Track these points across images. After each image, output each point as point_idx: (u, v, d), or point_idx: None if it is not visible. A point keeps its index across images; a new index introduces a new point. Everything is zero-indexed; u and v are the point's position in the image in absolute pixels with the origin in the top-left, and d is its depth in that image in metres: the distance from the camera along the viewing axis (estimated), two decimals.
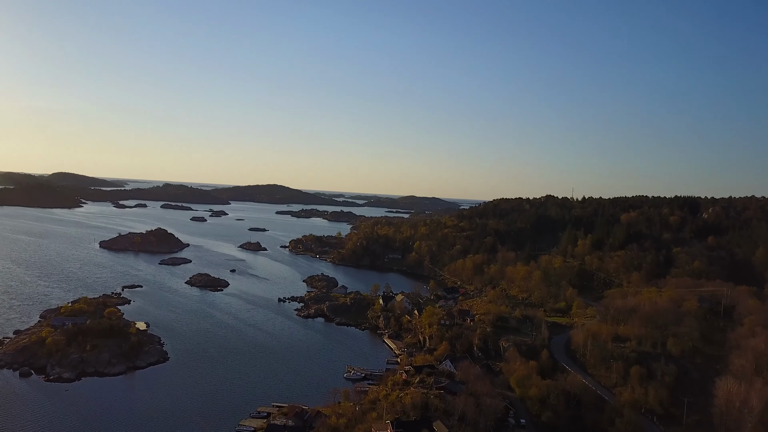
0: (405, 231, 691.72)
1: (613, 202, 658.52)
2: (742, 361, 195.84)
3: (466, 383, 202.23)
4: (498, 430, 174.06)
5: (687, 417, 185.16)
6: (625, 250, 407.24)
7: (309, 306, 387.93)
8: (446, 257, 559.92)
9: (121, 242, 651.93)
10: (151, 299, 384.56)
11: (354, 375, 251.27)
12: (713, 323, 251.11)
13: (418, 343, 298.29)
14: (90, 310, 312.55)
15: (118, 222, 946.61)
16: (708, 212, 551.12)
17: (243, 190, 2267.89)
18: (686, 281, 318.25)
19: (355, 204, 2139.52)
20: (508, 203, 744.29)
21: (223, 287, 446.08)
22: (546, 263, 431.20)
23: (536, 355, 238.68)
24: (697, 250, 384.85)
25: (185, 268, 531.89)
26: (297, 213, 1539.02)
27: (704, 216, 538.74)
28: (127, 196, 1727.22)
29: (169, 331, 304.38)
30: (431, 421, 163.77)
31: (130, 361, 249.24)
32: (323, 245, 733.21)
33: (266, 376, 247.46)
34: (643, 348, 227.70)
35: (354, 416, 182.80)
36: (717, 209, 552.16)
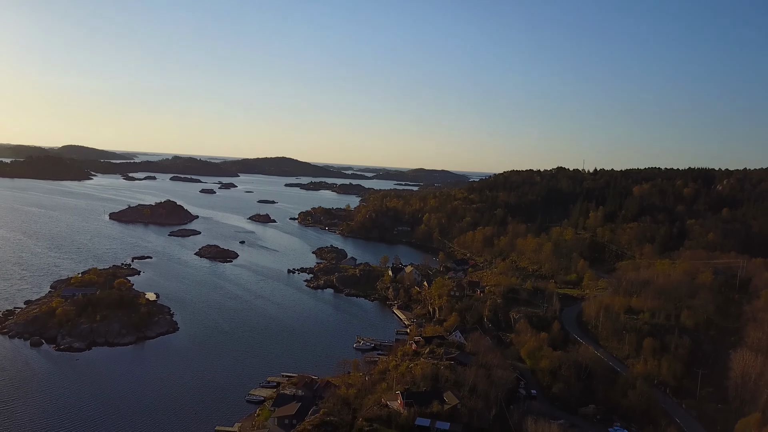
0: (414, 203, 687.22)
1: (625, 174, 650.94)
2: (758, 333, 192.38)
3: (477, 354, 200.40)
4: (509, 401, 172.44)
5: (700, 389, 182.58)
6: (638, 222, 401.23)
7: (318, 277, 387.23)
8: (456, 230, 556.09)
9: (131, 214, 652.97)
10: (161, 270, 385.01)
11: (363, 345, 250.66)
12: (728, 296, 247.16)
13: (428, 314, 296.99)
14: (100, 281, 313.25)
15: (128, 194, 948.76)
16: (722, 184, 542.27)
17: (252, 163, 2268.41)
18: (700, 253, 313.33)
19: (363, 177, 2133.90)
20: (518, 175, 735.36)
21: (232, 259, 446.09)
22: (557, 235, 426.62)
23: (547, 326, 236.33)
24: (711, 223, 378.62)
25: (194, 239, 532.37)
26: (306, 185, 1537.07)
27: (719, 188, 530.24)
28: (136, 169, 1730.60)
29: (179, 302, 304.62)
30: (441, 391, 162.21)
31: (139, 332, 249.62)
32: (332, 217, 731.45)
33: (276, 346, 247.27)
34: (657, 320, 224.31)
35: (363, 386, 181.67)
36: (732, 181, 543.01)
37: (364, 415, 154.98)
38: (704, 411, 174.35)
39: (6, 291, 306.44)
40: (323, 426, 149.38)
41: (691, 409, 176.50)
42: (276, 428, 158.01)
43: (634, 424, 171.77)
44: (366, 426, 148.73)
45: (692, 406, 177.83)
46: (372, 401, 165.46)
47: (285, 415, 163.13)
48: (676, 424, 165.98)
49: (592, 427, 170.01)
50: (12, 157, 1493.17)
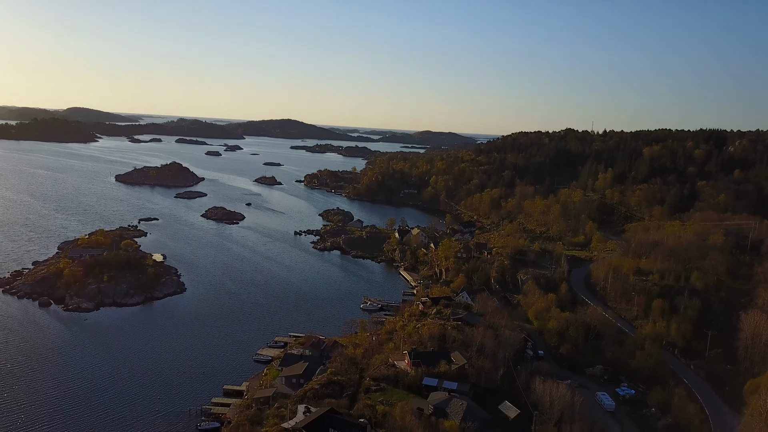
0: (421, 166, 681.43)
1: (635, 136, 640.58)
2: None
3: (484, 315, 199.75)
4: (516, 361, 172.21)
5: (709, 350, 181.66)
6: (648, 184, 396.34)
7: (325, 239, 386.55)
8: (463, 192, 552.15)
9: (137, 176, 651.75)
10: (168, 232, 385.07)
11: (370, 306, 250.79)
12: (739, 257, 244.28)
13: (435, 276, 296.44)
14: (107, 243, 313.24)
15: (134, 156, 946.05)
16: (734, 146, 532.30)
17: (257, 125, 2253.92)
18: (711, 215, 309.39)
19: (370, 139, 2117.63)
20: (526, 137, 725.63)
21: (239, 220, 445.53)
22: (565, 197, 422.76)
23: (555, 288, 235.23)
24: (723, 184, 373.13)
25: (201, 201, 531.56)
26: (311, 148, 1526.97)
27: (730, 149, 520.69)
28: (141, 131, 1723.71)
29: (186, 263, 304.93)
30: (449, 352, 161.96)
31: (147, 292, 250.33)
32: (338, 180, 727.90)
33: (283, 306, 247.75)
34: (666, 282, 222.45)
35: (371, 346, 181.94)
36: (744, 142, 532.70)
37: (372, 375, 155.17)
38: (713, 371, 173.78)
39: (14, 252, 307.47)
40: (330, 385, 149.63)
41: (700, 370, 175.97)
42: (283, 387, 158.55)
43: (641, 384, 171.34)
44: (373, 385, 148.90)
45: (701, 366, 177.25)
46: (379, 361, 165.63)
47: (292, 374, 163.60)
48: (684, 384, 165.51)
49: (600, 388, 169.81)
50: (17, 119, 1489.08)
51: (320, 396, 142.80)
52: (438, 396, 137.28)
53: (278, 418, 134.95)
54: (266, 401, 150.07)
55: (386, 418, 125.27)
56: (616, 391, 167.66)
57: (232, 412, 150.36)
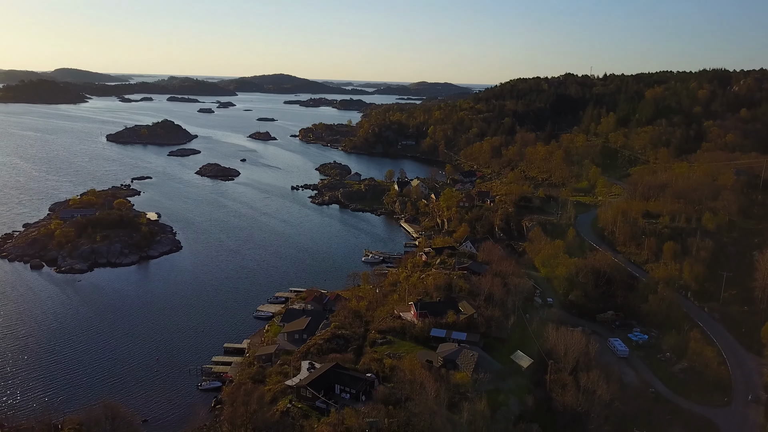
0: (418, 116, 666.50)
1: (636, 78, 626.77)
2: None
3: (490, 264, 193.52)
4: (525, 310, 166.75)
5: (724, 292, 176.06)
6: (652, 126, 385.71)
7: (323, 193, 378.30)
8: (462, 141, 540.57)
9: (128, 135, 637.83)
10: (162, 190, 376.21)
11: (372, 258, 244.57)
12: (751, 197, 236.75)
13: (436, 226, 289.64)
14: (99, 202, 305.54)
15: (125, 116, 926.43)
16: (739, 85, 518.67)
17: (250, 81, 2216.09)
18: (720, 155, 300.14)
19: (364, 92, 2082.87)
20: (525, 83, 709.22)
21: (234, 177, 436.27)
22: (568, 142, 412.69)
23: (562, 234, 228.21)
24: (730, 123, 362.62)
25: (195, 158, 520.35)
26: (305, 102, 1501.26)
27: (735, 89, 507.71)
28: (132, 91, 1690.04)
29: (181, 221, 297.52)
30: (456, 301, 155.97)
31: (142, 251, 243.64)
32: (334, 134, 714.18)
33: (283, 262, 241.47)
34: (677, 224, 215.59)
35: (375, 298, 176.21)
36: (749, 81, 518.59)
37: (377, 327, 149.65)
38: (728, 314, 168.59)
39: (3, 215, 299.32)
40: (335, 339, 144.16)
41: (714, 312, 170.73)
42: (286, 343, 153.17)
43: (654, 329, 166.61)
44: (379, 338, 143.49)
45: (715, 309, 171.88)
46: (384, 313, 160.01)
47: (295, 330, 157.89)
48: (698, 328, 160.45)
49: (612, 334, 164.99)
50: (4, 82, 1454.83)
51: (324, 351, 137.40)
52: (447, 347, 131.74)
53: (281, 375, 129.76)
54: (268, 359, 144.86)
55: (394, 372, 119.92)
56: (628, 337, 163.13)
57: (234, 371, 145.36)
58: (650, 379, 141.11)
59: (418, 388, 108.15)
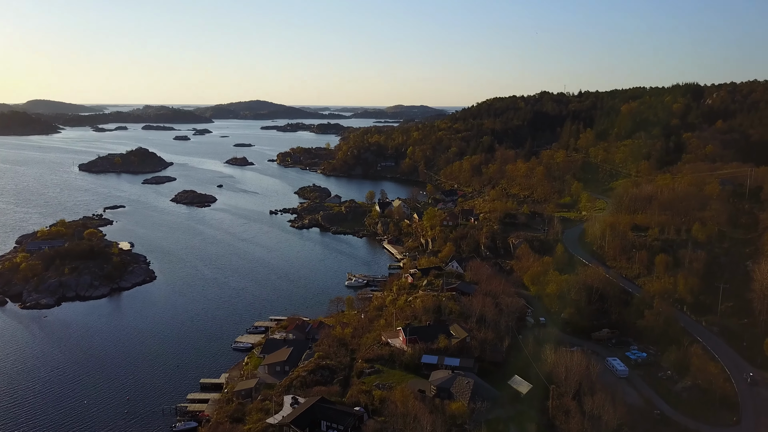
0: (397, 137, 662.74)
1: (611, 94, 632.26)
2: None
3: (479, 283, 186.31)
4: (518, 330, 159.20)
5: (720, 304, 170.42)
6: (632, 139, 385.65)
7: (302, 217, 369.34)
8: (442, 161, 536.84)
9: (101, 164, 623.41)
10: (135, 219, 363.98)
11: (355, 282, 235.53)
12: (738, 206, 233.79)
13: (420, 247, 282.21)
14: (69, 233, 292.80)
15: (98, 145, 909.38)
16: (712, 97, 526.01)
17: (226, 108, 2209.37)
18: (701, 166, 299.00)
19: (341, 116, 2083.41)
20: (502, 102, 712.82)
21: (210, 203, 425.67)
22: (548, 158, 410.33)
23: (550, 250, 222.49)
24: (708, 135, 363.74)
25: (170, 186, 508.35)
26: (283, 127, 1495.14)
27: (708, 102, 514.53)
28: (106, 120, 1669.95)
29: (156, 250, 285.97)
30: (447, 324, 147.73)
31: (113, 283, 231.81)
32: (312, 157, 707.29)
33: (262, 289, 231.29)
34: (667, 236, 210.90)
35: (360, 325, 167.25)
36: (722, 94, 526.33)
37: (364, 356, 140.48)
38: (726, 327, 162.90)
39: None
40: (319, 370, 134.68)
41: (713, 326, 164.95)
42: (267, 376, 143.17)
43: (651, 346, 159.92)
44: (367, 367, 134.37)
45: (713, 322, 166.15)
46: (371, 340, 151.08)
47: (276, 361, 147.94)
48: (698, 342, 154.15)
49: (609, 352, 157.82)
50: None
51: (308, 384, 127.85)
52: (440, 375, 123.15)
53: (262, 412, 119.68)
54: (248, 394, 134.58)
55: (385, 404, 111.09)
56: (626, 355, 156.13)
57: (211, 409, 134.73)
58: (653, 399, 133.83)
59: (412, 421, 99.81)
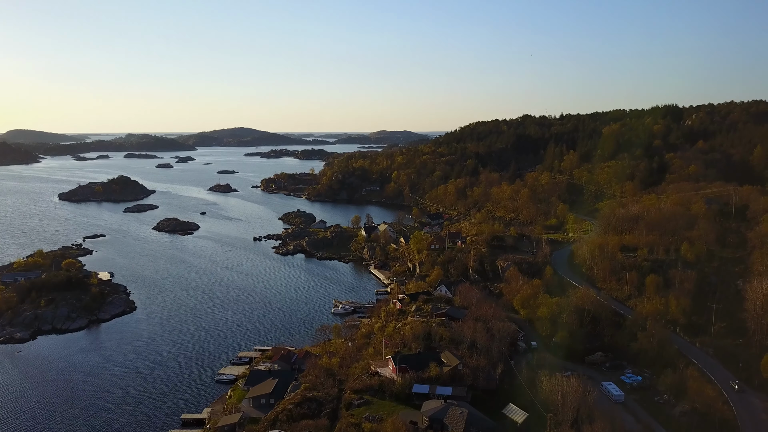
0: (381, 162, 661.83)
1: (592, 117, 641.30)
2: None
3: (468, 308, 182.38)
4: (510, 355, 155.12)
5: (713, 324, 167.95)
6: (615, 160, 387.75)
7: (287, 243, 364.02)
8: (426, 184, 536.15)
9: (82, 193, 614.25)
10: (116, 248, 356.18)
11: (342, 309, 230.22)
12: (724, 225, 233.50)
13: (408, 271, 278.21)
14: (46, 264, 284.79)
15: (79, 174, 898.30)
16: (692, 119, 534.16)
17: (209, 135, 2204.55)
18: (686, 186, 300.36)
19: (325, 142, 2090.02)
20: (484, 126, 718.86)
21: (193, 230, 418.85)
22: (533, 181, 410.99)
23: (539, 272, 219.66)
24: (690, 155, 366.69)
25: (152, 214, 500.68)
26: (266, 154, 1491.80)
27: (688, 123, 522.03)
28: (88, 149, 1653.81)
29: (137, 280, 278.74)
30: (438, 352, 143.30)
31: (91, 314, 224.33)
32: (297, 182, 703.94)
33: (246, 318, 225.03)
34: (656, 256, 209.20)
35: (348, 354, 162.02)
36: (701, 115, 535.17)
37: (352, 387, 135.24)
38: (721, 348, 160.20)
39: None
40: (306, 403, 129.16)
41: (707, 347, 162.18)
42: (251, 410, 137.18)
43: (646, 369, 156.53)
44: (355, 399, 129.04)
45: (707, 343, 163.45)
46: (359, 369, 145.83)
47: (261, 394, 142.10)
48: (693, 364, 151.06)
49: (604, 376, 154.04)
50: None
51: (295, 417, 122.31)
52: (432, 405, 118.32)
53: None
54: (232, 429, 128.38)
55: None
56: (621, 379, 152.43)
57: None
58: (652, 425, 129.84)
59: None
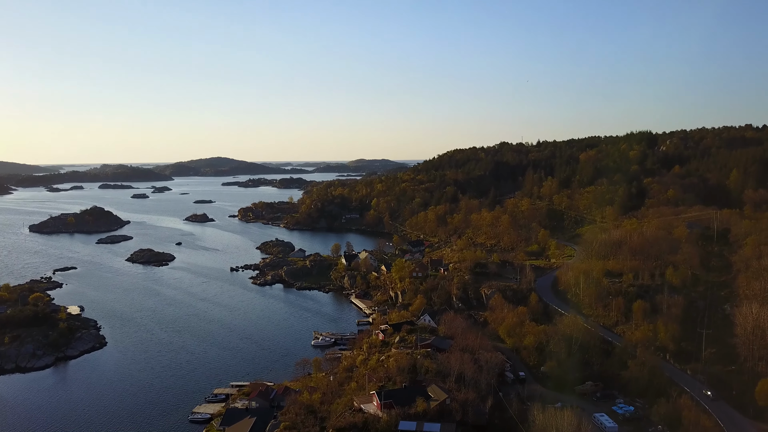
0: (361, 190, 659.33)
1: (568, 144, 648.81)
2: (759, 283, 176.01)
3: (454, 338, 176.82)
4: (499, 387, 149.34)
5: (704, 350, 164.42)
6: (594, 186, 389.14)
7: (265, 273, 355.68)
8: (406, 212, 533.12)
9: (54, 224, 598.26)
10: (87, 281, 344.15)
11: (323, 341, 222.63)
12: (707, 249, 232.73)
13: (390, 300, 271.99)
14: (12, 298, 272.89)
15: (52, 206, 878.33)
16: (666, 144, 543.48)
17: (186, 165, 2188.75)
18: (666, 210, 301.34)
19: (304, 171, 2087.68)
20: (462, 153, 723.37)
21: (168, 261, 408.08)
22: (512, 207, 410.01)
23: (524, 300, 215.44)
24: (668, 179, 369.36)
25: (126, 245, 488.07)
26: (244, 183, 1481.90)
27: (663, 148, 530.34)
28: (62, 180, 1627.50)
29: (108, 314, 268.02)
30: (424, 385, 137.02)
31: (59, 351, 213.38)
32: (275, 211, 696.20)
33: (222, 353, 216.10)
34: (642, 281, 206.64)
35: (330, 389, 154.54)
36: (675, 140, 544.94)
37: (335, 425, 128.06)
38: (713, 375, 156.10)
39: None
40: None
41: (698, 374, 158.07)
42: None
43: (638, 398, 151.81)
44: None
45: (698, 370, 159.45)
46: (342, 406, 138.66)
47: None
48: (686, 393, 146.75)
49: (595, 407, 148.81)
50: None
51: None
52: None
53: None
54: None
55: None
56: (613, 410, 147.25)
57: None
58: None
59: None
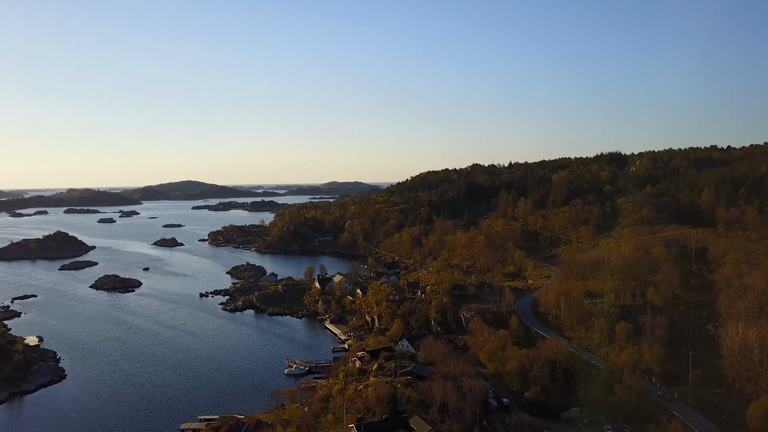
0: (334, 212, 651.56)
1: (540, 165, 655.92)
2: (743, 303, 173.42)
3: (434, 364, 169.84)
4: (483, 415, 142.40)
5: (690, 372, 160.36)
6: (569, 206, 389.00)
7: (235, 298, 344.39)
8: (381, 233, 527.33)
9: (14, 250, 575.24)
10: (47, 309, 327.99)
11: (296, 369, 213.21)
12: (686, 268, 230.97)
13: (366, 325, 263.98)
14: None
15: (14, 231, 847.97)
16: (636, 165, 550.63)
17: (155, 189, 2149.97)
18: (641, 230, 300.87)
19: (276, 194, 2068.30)
20: (435, 175, 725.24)
21: (135, 287, 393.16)
22: (487, 228, 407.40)
23: (504, 322, 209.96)
24: (642, 199, 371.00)
25: (90, 271, 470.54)
26: (214, 207, 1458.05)
27: (633, 169, 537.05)
28: (25, 205, 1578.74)
29: (69, 344, 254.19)
30: (406, 417, 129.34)
31: (13, 386, 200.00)
32: (246, 234, 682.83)
33: (191, 385, 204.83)
34: (623, 302, 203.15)
35: (305, 421, 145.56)
36: (644, 161, 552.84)
37: None
38: (701, 398, 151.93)
39: None
40: None
41: (686, 397, 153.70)
42: None
43: (626, 424, 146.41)
44: None
45: (686, 393, 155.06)
46: None
47: None
48: (675, 417, 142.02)
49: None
50: None
51: None
52: None
53: None
54: None
55: None
56: None
57: None
58: None
59: None
